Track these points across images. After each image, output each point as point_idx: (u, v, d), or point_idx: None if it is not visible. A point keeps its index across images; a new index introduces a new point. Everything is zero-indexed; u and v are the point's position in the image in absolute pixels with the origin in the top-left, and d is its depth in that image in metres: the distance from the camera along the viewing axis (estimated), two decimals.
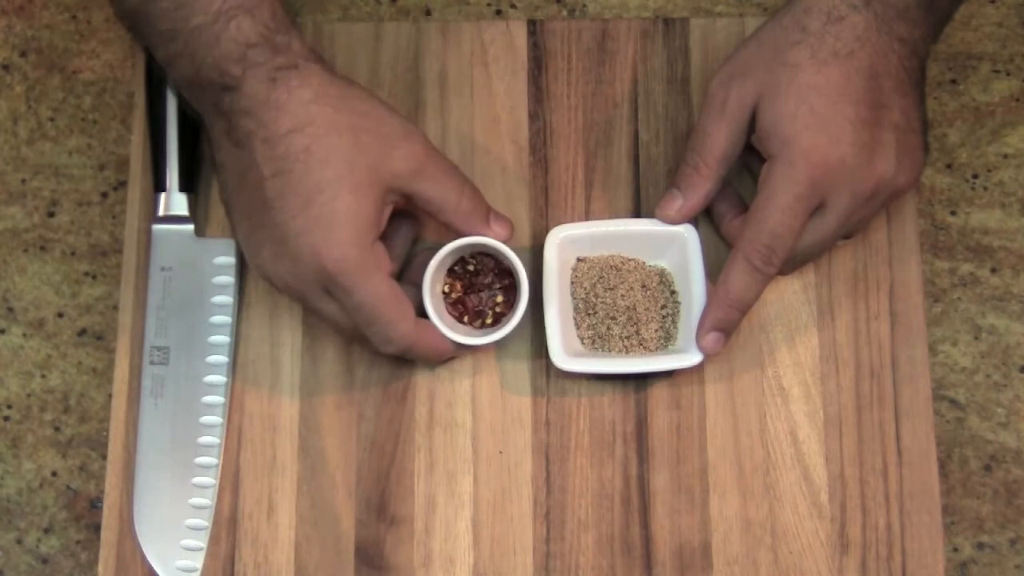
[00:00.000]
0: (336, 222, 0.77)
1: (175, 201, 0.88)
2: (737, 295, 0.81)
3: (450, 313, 0.85)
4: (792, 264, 0.84)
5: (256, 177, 0.78)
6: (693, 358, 0.83)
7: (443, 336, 0.82)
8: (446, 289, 0.85)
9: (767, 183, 0.80)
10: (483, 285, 0.85)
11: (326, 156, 0.77)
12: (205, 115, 0.81)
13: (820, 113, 0.79)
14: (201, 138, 0.89)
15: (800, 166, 0.79)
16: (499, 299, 0.85)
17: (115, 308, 0.90)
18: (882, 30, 0.80)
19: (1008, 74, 0.95)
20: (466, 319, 0.85)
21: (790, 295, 0.87)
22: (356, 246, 0.77)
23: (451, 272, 0.86)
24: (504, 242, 0.83)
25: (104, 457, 0.87)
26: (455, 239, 0.83)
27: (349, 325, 0.80)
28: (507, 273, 0.85)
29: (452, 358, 0.85)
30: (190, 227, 0.88)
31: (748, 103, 0.82)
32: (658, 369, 0.85)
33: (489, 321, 0.85)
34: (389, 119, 0.80)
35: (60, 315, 0.91)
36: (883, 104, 0.80)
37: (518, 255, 0.83)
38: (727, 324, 0.82)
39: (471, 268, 0.85)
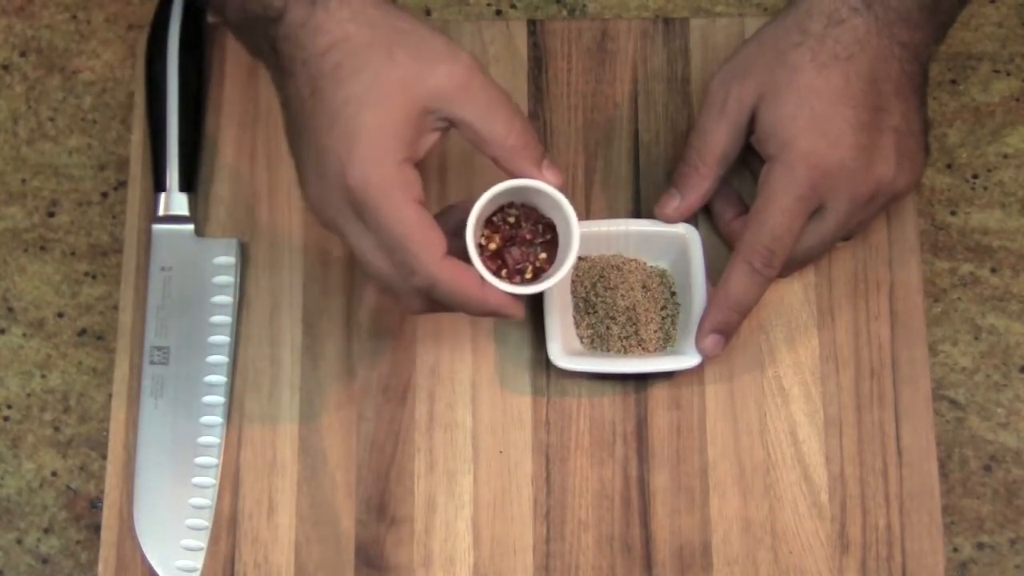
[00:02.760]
0: (359, 136, 0.73)
1: (175, 201, 0.88)
2: (737, 297, 0.81)
3: (487, 267, 0.78)
4: (791, 266, 0.84)
5: (298, 102, 0.75)
6: (692, 359, 0.83)
7: (477, 280, 0.75)
8: (483, 241, 0.80)
9: (766, 185, 0.80)
10: (523, 239, 0.80)
11: (355, 71, 0.74)
12: (260, 55, 0.78)
13: (820, 115, 0.79)
14: (201, 138, 0.89)
15: (799, 168, 0.79)
16: (542, 255, 0.80)
17: (115, 308, 0.90)
18: (883, 34, 0.80)
19: (1008, 74, 0.95)
20: (504, 273, 0.79)
21: (790, 295, 0.87)
22: (379, 162, 0.73)
23: (489, 223, 0.80)
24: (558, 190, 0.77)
25: (104, 457, 0.87)
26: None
27: (384, 266, 0.75)
28: (550, 228, 0.80)
29: (488, 314, 0.78)
30: (190, 227, 0.88)
31: (748, 103, 0.82)
32: (656, 370, 0.85)
33: (528, 277, 0.80)
34: (431, 38, 0.76)
35: (60, 315, 0.91)
36: (883, 107, 0.80)
37: None
38: (727, 326, 0.82)
39: (511, 220, 0.80)
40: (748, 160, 0.86)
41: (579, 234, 0.77)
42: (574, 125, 0.90)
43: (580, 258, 0.86)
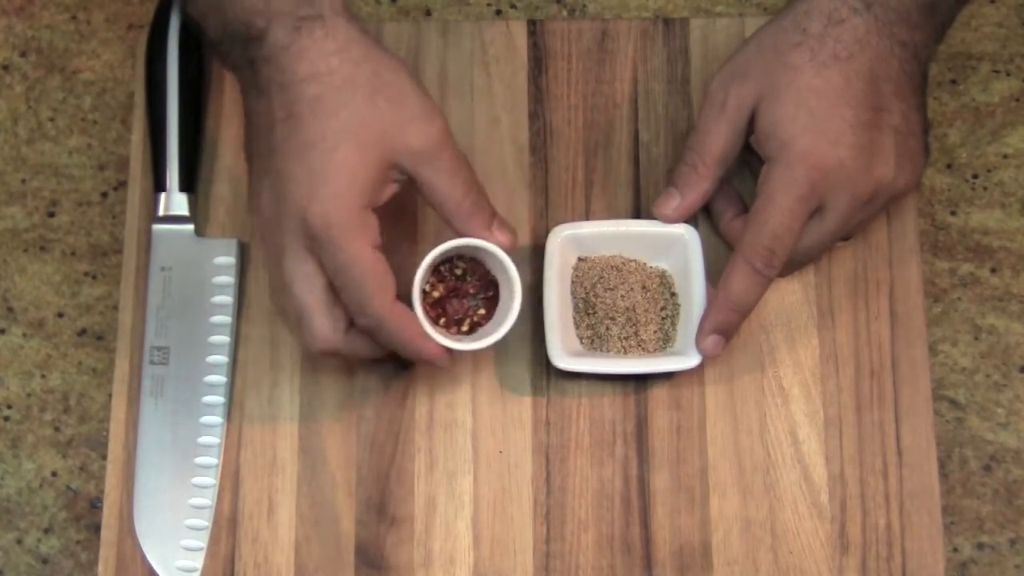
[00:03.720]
0: (330, 174, 0.75)
1: (175, 201, 0.88)
2: (737, 298, 0.81)
3: (427, 313, 0.82)
4: (791, 266, 0.84)
5: (269, 122, 0.77)
6: (691, 360, 0.83)
7: (420, 328, 0.79)
8: (427, 288, 0.83)
9: (766, 185, 0.80)
10: (466, 292, 0.83)
11: (336, 108, 0.75)
12: (235, 70, 0.80)
13: (819, 115, 0.79)
14: (201, 138, 0.89)
15: (799, 168, 0.79)
16: (481, 311, 0.83)
17: (115, 308, 0.90)
18: (882, 34, 0.80)
19: (1008, 74, 0.95)
20: (442, 322, 0.83)
21: (790, 296, 0.87)
22: (346, 204, 0.75)
23: (436, 272, 0.83)
24: (505, 251, 0.81)
25: (104, 457, 0.87)
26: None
27: (307, 298, 0.77)
28: (492, 284, 0.83)
29: (419, 360, 0.81)
30: (190, 227, 0.88)
31: (747, 104, 0.82)
32: (656, 370, 0.85)
33: (465, 329, 0.83)
34: (412, 94, 0.78)
35: (60, 315, 0.92)
36: (883, 108, 0.80)
37: (518, 254, 0.83)
38: (727, 327, 0.82)
39: (458, 272, 0.83)
40: (748, 160, 0.86)
41: (520, 297, 0.81)
42: (574, 125, 0.90)
43: (580, 259, 0.87)
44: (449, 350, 0.81)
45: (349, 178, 0.75)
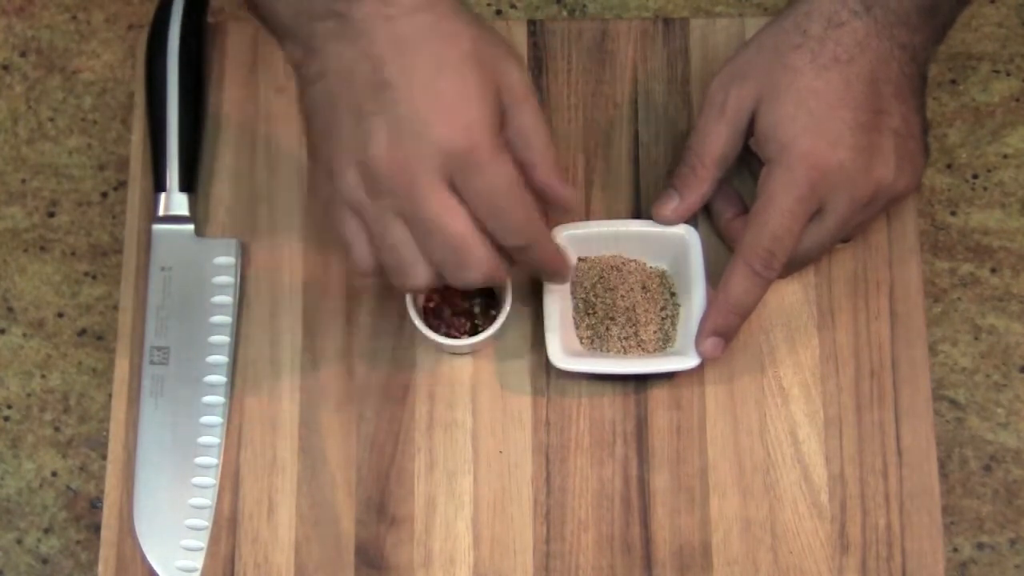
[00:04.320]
0: (468, 97, 0.72)
1: (175, 201, 0.88)
2: (737, 299, 0.81)
3: (427, 322, 0.84)
4: (791, 267, 0.84)
5: (375, 61, 0.73)
6: (691, 360, 0.83)
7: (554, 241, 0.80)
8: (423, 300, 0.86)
9: (766, 187, 0.80)
10: (459, 297, 0.86)
11: (454, 35, 0.73)
12: (300, 28, 0.75)
13: (819, 117, 0.79)
14: (201, 138, 0.89)
15: (799, 170, 0.79)
16: (476, 311, 0.86)
17: (115, 308, 0.90)
18: (882, 36, 0.80)
19: (1008, 74, 0.95)
20: (442, 330, 0.85)
21: (790, 296, 0.87)
22: (487, 126, 0.72)
23: None
24: (572, 209, 0.81)
25: (104, 457, 0.87)
26: None
27: (453, 229, 0.74)
28: (488, 290, 0.85)
29: (551, 277, 0.82)
30: (190, 227, 0.88)
31: (747, 105, 0.82)
32: (655, 371, 0.85)
33: (466, 330, 0.86)
34: (500, 37, 0.76)
35: (60, 315, 0.92)
36: (883, 110, 0.80)
37: None
38: (727, 329, 0.82)
39: None
40: (748, 161, 0.86)
41: (510, 293, 0.83)
42: (574, 125, 0.90)
43: (580, 259, 0.87)
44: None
45: (482, 102, 0.73)
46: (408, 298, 0.82)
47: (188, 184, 0.88)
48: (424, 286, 0.75)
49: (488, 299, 0.86)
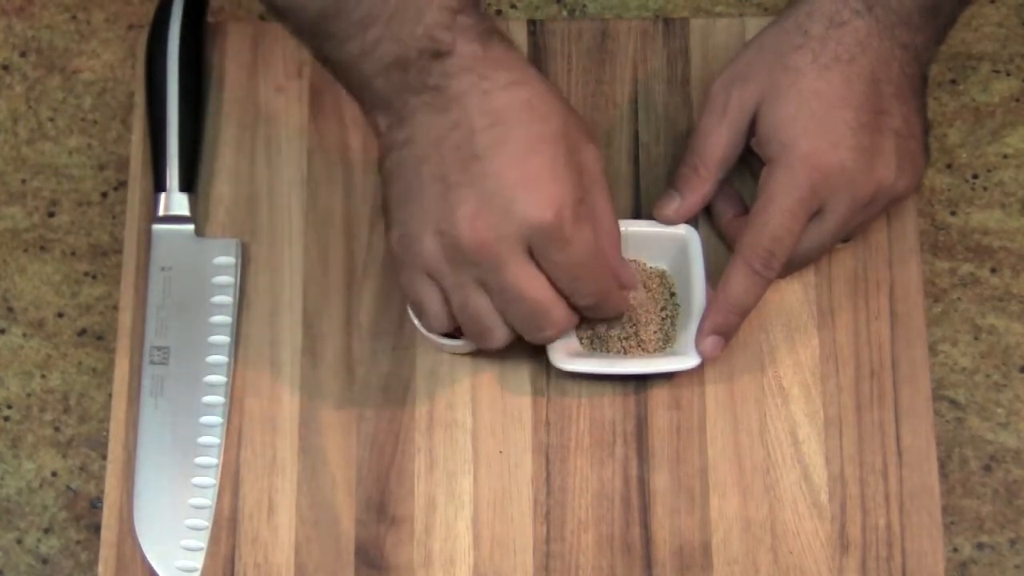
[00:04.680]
0: (557, 174, 0.74)
1: (175, 201, 0.88)
2: (736, 299, 0.81)
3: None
4: (790, 267, 0.84)
5: (466, 132, 0.74)
6: (691, 360, 0.83)
7: (622, 292, 0.82)
8: None
9: (766, 187, 0.80)
10: None
11: (546, 113, 0.75)
12: (394, 99, 0.76)
13: (820, 118, 0.79)
14: (201, 138, 0.89)
15: (799, 170, 0.79)
16: None
17: (115, 308, 0.90)
18: (884, 36, 0.80)
19: (1008, 74, 0.95)
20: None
21: (790, 295, 0.87)
22: (574, 200, 0.75)
23: None
24: (630, 288, 0.84)
25: (104, 457, 0.87)
26: None
27: (538, 295, 0.77)
28: None
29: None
30: (190, 227, 0.88)
31: (749, 106, 0.82)
32: (656, 371, 0.85)
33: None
34: (581, 118, 0.79)
35: (60, 315, 0.92)
36: (884, 110, 0.80)
37: None
38: (726, 328, 0.82)
39: None
40: (749, 161, 0.85)
41: None
42: None
43: None
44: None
45: (569, 177, 0.75)
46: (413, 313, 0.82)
47: (188, 184, 0.88)
48: (503, 346, 0.79)
49: None
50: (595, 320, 0.85)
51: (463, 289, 0.76)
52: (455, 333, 0.84)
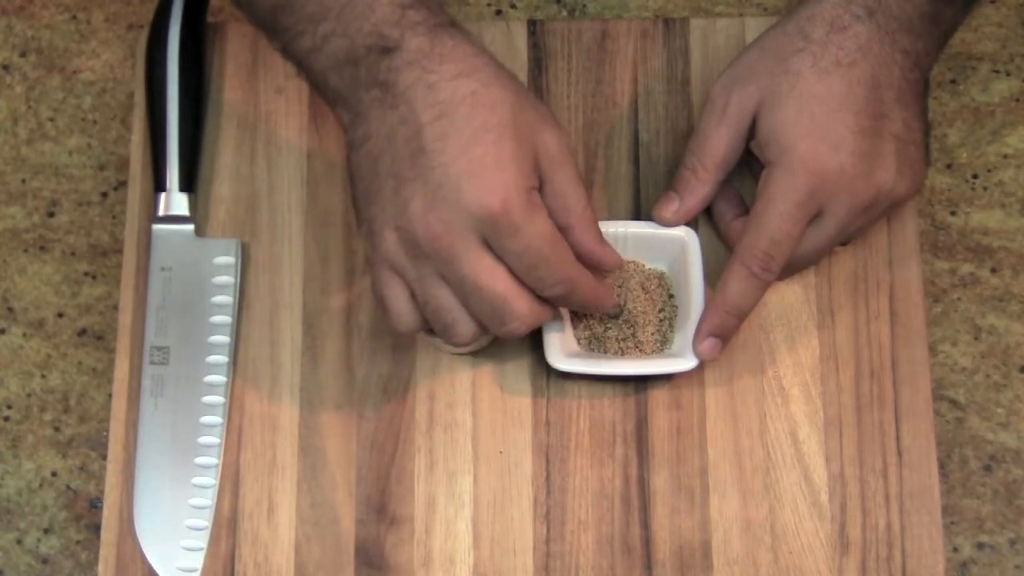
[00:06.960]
0: (501, 162, 0.74)
1: (175, 201, 0.88)
2: (735, 301, 0.81)
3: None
4: (789, 270, 0.84)
5: (413, 127, 0.75)
6: (689, 362, 0.83)
7: (595, 281, 0.80)
8: None
9: (766, 190, 0.80)
10: None
11: (492, 102, 0.75)
12: (349, 96, 0.78)
13: (820, 121, 0.79)
14: (201, 138, 0.89)
15: (799, 173, 0.79)
16: None
17: (115, 308, 0.90)
18: (885, 41, 0.80)
19: (1008, 74, 0.95)
20: None
21: (790, 296, 0.87)
22: (523, 187, 0.75)
23: None
24: (613, 269, 0.82)
25: (104, 457, 0.87)
26: None
27: (497, 288, 0.76)
28: None
29: (612, 314, 0.84)
30: (190, 227, 0.88)
31: (749, 109, 0.82)
32: (653, 372, 0.85)
33: None
34: (539, 103, 0.79)
35: (60, 315, 0.92)
36: (884, 114, 0.80)
37: None
38: (724, 330, 0.82)
39: None
40: (749, 163, 0.86)
41: None
42: (574, 125, 0.90)
43: None
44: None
45: (517, 165, 0.75)
46: None
47: (188, 184, 0.88)
48: (470, 340, 0.78)
49: None
50: (592, 320, 0.85)
51: (424, 283, 0.76)
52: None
